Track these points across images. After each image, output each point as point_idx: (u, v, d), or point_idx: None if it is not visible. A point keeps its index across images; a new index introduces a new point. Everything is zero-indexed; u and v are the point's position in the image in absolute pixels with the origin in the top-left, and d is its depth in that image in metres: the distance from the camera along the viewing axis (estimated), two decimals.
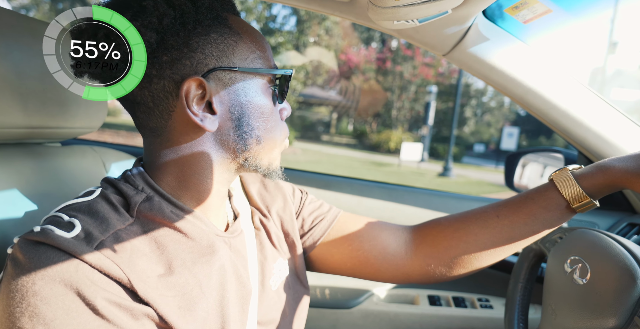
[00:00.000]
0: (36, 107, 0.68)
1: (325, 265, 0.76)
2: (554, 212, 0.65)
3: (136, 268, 0.47)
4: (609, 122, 0.97)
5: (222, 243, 0.58)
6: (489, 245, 0.68)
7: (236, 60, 0.53)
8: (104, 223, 0.48)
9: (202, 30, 0.51)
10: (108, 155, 0.89)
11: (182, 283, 0.50)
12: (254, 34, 0.56)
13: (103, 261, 0.44)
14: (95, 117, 0.82)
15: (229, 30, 0.53)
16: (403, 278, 0.74)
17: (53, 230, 0.45)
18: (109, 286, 0.44)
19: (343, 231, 0.74)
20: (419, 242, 0.74)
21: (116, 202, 0.51)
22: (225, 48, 0.52)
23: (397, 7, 0.67)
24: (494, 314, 1.26)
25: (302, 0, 0.89)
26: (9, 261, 0.45)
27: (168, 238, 0.52)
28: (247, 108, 0.54)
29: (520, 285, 0.82)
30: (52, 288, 0.41)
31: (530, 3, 0.81)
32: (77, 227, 0.46)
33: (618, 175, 0.60)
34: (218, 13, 0.52)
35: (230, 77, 0.53)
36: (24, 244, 0.44)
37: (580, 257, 0.62)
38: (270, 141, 0.58)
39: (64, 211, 0.49)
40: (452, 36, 0.88)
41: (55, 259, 0.43)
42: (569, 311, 0.60)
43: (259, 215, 0.70)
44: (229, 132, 0.54)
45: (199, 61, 0.51)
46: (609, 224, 1.15)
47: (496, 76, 0.95)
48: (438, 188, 1.26)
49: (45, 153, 0.77)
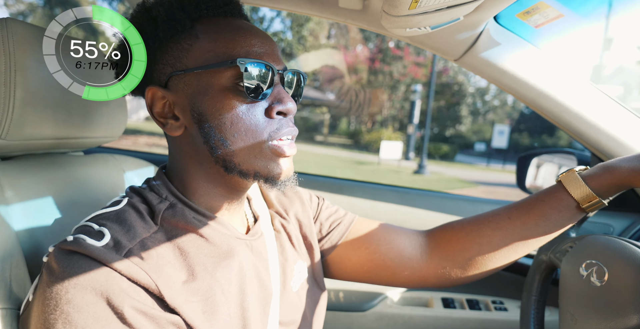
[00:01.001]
0: (63, 118, 0.71)
1: (342, 269, 0.77)
2: (565, 212, 0.66)
3: (162, 275, 0.48)
4: (622, 123, 0.97)
5: (243, 246, 0.59)
6: (502, 246, 0.69)
7: (189, 63, 0.53)
8: (131, 231, 0.50)
9: (160, 44, 0.54)
10: (127, 163, 0.92)
11: (205, 288, 0.52)
12: (221, 32, 0.53)
13: (132, 268, 0.46)
14: (117, 127, 0.85)
15: (187, 36, 0.53)
16: (419, 281, 0.75)
17: (85, 239, 0.47)
18: (137, 294, 0.46)
19: (360, 234, 0.76)
20: (434, 246, 0.75)
21: (142, 210, 0.53)
22: (179, 53, 0.53)
23: (410, 16, 0.68)
24: (508, 316, 1.26)
25: (316, 9, 0.90)
26: (44, 269, 0.47)
27: (190, 244, 0.54)
28: (204, 109, 0.52)
29: (533, 298, 0.81)
30: (84, 297, 0.43)
31: (542, 8, 0.82)
32: (106, 236, 0.48)
33: (625, 174, 0.61)
34: (178, 22, 0.53)
35: (185, 81, 0.53)
36: (58, 253, 0.47)
37: (595, 260, 0.63)
38: (239, 141, 0.53)
39: (94, 221, 0.51)
40: (463, 41, 0.89)
41: (87, 268, 0.45)
42: (590, 314, 0.60)
43: (278, 218, 0.72)
44: (197, 136, 0.54)
45: (160, 71, 0.55)
46: (624, 225, 1.14)
47: (508, 80, 0.96)
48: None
49: (70, 162, 0.80)
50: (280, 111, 0.54)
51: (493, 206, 1.32)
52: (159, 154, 1.71)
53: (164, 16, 0.53)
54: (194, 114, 0.53)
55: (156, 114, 0.55)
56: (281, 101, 0.54)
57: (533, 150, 1.39)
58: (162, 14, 0.53)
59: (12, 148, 0.68)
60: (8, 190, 0.65)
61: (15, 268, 0.60)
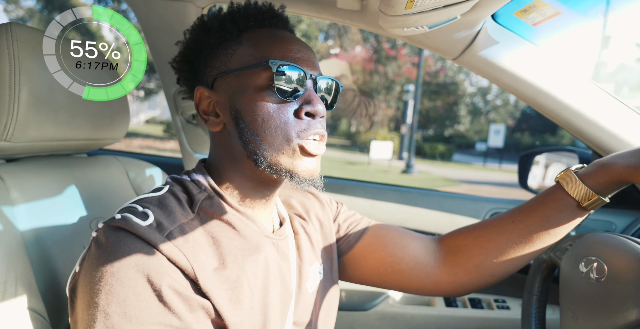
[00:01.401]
0: (66, 121, 0.72)
1: (358, 271, 0.78)
2: (566, 212, 0.66)
3: (198, 259, 0.51)
4: (622, 120, 0.97)
5: (270, 244, 0.62)
6: (509, 250, 0.70)
7: (232, 65, 0.59)
8: (171, 216, 0.53)
9: (211, 50, 0.61)
10: (130, 164, 0.93)
11: (233, 277, 0.54)
12: (262, 39, 0.59)
13: (172, 249, 0.49)
14: (119, 128, 0.86)
15: (233, 43, 0.60)
16: (432, 287, 0.75)
17: (132, 218, 0.50)
18: (174, 274, 0.49)
19: (376, 237, 0.77)
20: (446, 252, 0.76)
21: (182, 198, 0.57)
22: (225, 58, 0.60)
23: (406, 15, 0.69)
24: (510, 315, 1.26)
25: (314, 10, 0.91)
26: (93, 243, 0.50)
27: (223, 234, 0.57)
28: (240, 107, 0.58)
29: (534, 298, 0.81)
30: (127, 272, 0.46)
31: (539, 6, 0.82)
32: (150, 217, 0.51)
33: (620, 171, 0.61)
34: (228, 32, 0.60)
35: (227, 82, 0.59)
36: (107, 229, 0.50)
37: (594, 256, 0.63)
38: (268, 137, 0.56)
39: (137, 203, 0.54)
40: (461, 40, 0.90)
41: (132, 245, 0.48)
42: (590, 311, 0.60)
43: (298, 220, 0.74)
44: (234, 132, 0.59)
45: (208, 74, 0.61)
46: (626, 223, 1.14)
47: (507, 78, 0.96)
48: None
49: (73, 164, 0.81)
50: (308, 111, 0.58)
51: (495, 204, 1.32)
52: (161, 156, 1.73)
53: (216, 27, 0.60)
54: (232, 112, 0.58)
55: (201, 112, 0.62)
56: (310, 102, 0.58)
57: (534, 148, 1.39)
58: (215, 25, 0.60)
59: (17, 150, 0.70)
60: (14, 191, 0.66)
61: (21, 266, 0.61)
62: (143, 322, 0.46)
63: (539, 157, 1.36)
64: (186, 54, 0.63)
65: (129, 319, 0.46)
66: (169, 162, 1.59)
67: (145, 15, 1.01)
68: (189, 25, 1.00)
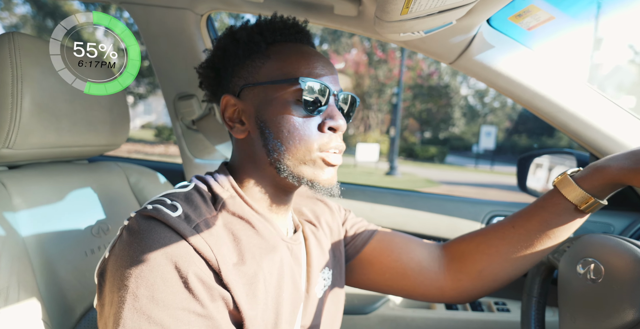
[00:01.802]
0: (68, 127, 0.73)
1: (364, 275, 0.79)
2: (565, 216, 0.67)
3: (221, 252, 0.53)
4: (617, 122, 0.98)
5: (285, 248, 0.64)
6: (510, 255, 0.70)
7: (260, 78, 0.62)
8: (197, 210, 0.56)
9: (238, 60, 0.64)
10: (131, 170, 0.93)
11: (251, 273, 0.56)
12: (289, 54, 0.63)
13: (199, 240, 0.52)
14: (120, 134, 0.87)
15: (260, 56, 0.63)
16: (437, 293, 0.76)
17: (163, 209, 0.53)
18: (200, 263, 0.51)
19: (382, 242, 0.79)
20: (450, 258, 0.77)
21: (206, 196, 0.60)
22: (252, 69, 0.63)
23: (402, 21, 0.70)
24: (511, 317, 1.26)
25: (312, 17, 0.92)
26: (125, 230, 0.53)
27: (242, 232, 0.59)
28: (267, 117, 0.61)
29: (534, 300, 0.82)
30: (156, 258, 0.49)
31: (533, 11, 0.83)
32: (179, 209, 0.54)
33: (615, 173, 0.62)
34: (255, 44, 0.64)
35: (254, 93, 0.62)
36: (140, 217, 0.53)
37: (591, 258, 0.63)
38: (292, 148, 0.60)
39: (166, 197, 0.57)
40: (457, 45, 0.91)
41: (162, 233, 0.51)
42: (589, 312, 0.61)
43: (309, 226, 0.75)
44: (258, 140, 0.62)
45: (235, 83, 0.65)
46: (624, 224, 1.14)
47: (503, 82, 0.97)
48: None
49: (75, 170, 0.82)
50: (331, 126, 0.61)
51: (494, 207, 1.33)
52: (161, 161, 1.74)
53: (245, 39, 0.64)
54: (258, 121, 0.62)
55: (227, 118, 0.65)
56: (333, 117, 0.62)
57: (532, 151, 1.39)
58: (244, 37, 0.64)
59: (19, 157, 0.70)
60: (16, 197, 0.67)
61: (23, 272, 0.61)
62: (169, 306, 0.48)
63: (540, 159, 1.37)
64: (213, 61, 0.67)
65: (156, 302, 0.48)
66: (169, 167, 1.60)
67: (145, 23, 1.03)
68: (188, 32, 1.02)
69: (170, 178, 1.10)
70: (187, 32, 1.02)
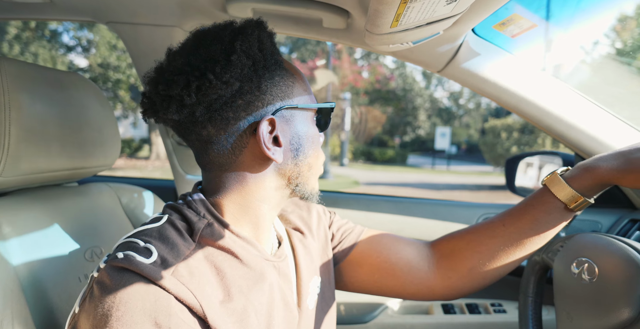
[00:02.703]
0: (57, 152, 0.71)
1: (354, 277, 0.78)
2: (554, 214, 0.68)
3: (205, 295, 0.50)
4: (599, 123, 1.01)
5: (271, 268, 0.61)
6: (500, 253, 0.71)
7: (295, 99, 0.60)
8: (175, 249, 0.51)
9: (269, 75, 0.57)
10: (122, 190, 0.92)
11: (240, 309, 0.53)
12: (302, 75, 0.63)
13: (179, 287, 0.48)
14: (111, 155, 0.85)
15: (286, 73, 0.60)
16: (427, 292, 0.76)
17: (135, 256, 0.48)
18: (182, 313, 0.47)
19: (370, 243, 0.78)
20: (439, 257, 0.77)
21: (181, 228, 0.55)
22: (286, 89, 0.59)
23: (392, 33, 0.71)
24: (507, 318, 1.27)
25: (301, 30, 0.93)
26: (95, 284, 0.48)
27: (226, 264, 0.55)
28: (303, 139, 0.61)
29: (530, 299, 0.83)
30: (133, 316, 0.45)
31: (516, 19, 0.85)
32: (154, 253, 0.49)
33: (604, 174, 0.63)
34: (277, 57, 0.59)
35: (292, 114, 0.60)
36: (110, 269, 0.48)
37: (585, 257, 0.64)
38: (317, 166, 0.64)
39: (137, 237, 0.52)
40: (445, 54, 0.92)
41: (138, 287, 0.46)
42: (584, 311, 0.62)
43: (296, 234, 0.73)
44: (288, 161, 0.60)
45: (268, 102, 0.57)
46: (611, 221, 1.18)
47: (490, 88, 0.99)
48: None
49: (64, 194, 0.79)
50: (322, 140, 0.67)
51: (486, 210, 1.35)
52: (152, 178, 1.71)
53: (270, 50, 0.57)
54: (294, 143, 0.60)
55: (266, 143, 0.56)
56: (321, 134, 0.67)
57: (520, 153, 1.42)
58: (268, 47, 0.57)
59: (8, 184, 0.68)
60: (5, 226, 0.65)
61: (17, 304, 0.59)
62: None
63: (524, 161, 1.40)
64: (242, 72, 0.54)
65: None
66: (161, 184, 1.58)
67: (133, 41, 1.01)
68: None
69: (163, 195, 1.08)
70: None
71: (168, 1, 0.87)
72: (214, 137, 0.56)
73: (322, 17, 0.84)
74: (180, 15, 0.93)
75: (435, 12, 0.59)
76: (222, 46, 0.53)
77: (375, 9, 0.56)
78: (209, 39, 0.55)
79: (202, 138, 0.57)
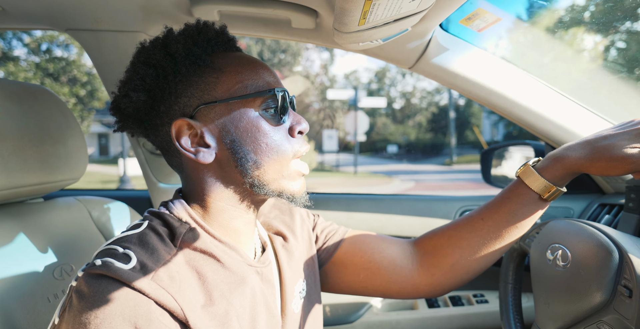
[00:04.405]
0: (17, 166, 0.67)
1: (339, 278, 0.78)
2: (530, 205, 0.70)
3: (186, 299, 0.49)
4: (565, 112, 1.04)
5: (254, 273, 0.60)
6: (481, 246, 0.72)
7: (218, 94, 0.57)
8: (155, 254, 0.51)
9: (182, 78, 0.57)
10: (92, 203, 0.88)
11: (222, 313, 0.52)
12: (242, 65, 0.59)
13: (159, 292, 0.47)
14: (77, 167, 0.81)
15: (209, 70, 0.57)
16: (412, 290, 0.76)
17: (113, 262, 0.47)
18: (163, 318, 0.46)
19: (354, 244, 0.78)
20: (422, 254, 0.77)
21: (162, 233, 0.54)
22: (205, 86, 0.57)
23: (360, 31, 0.70)
24: (490, 308, 1.30)
25: (270, 31, 0.91)
26: (74, 293, 0.47)
27: (207, 268, 0.54)
28: (237, 135, 0.57)
29: (510, 286, 0.85)
30: (112, 322, 0.44)
31: (482, 14, 0.87)
32: (133, 259, 0.48)
33: (573, 163, 0.65)
34: (197, 57, 0.57)
35: (216, 111, 0.57)
36: (88, 277, 0.47)
37: (558, 244, 0.66)
38: (272, 162, 0.58)
39: (117, 244, 0.51)
40: (414, 50, 0.93)
41: (116, 293, 0.45)
42: (560, 297, 0.63)
43: (278, 240, 0.72)
44: (229, 161, 0.58)
45: (185, 104, 0.57)
46: (582, 207, 1.22)
47: (460, 82, 1.01)
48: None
49: (28, 211, 0.75)
50: (300, 130, 0.61)
51: (464, 203, 1.37)
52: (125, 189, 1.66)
53: (182, 52, 0.56)
54: (226, 141, 0.57)
55: (183, 145, 0.57)
56: (299, 121, 0.61)
57: (493, 145, 1.46)
58: (180, 50, 0.56)
59: None
60: None
61: None
62: None
63: (497, 152, 1.43)
64: (144, 82, 0.56)
65: None
66: (134, 195, 1.53)
67: (96, 49, 0.97)
68: None
69: (137, 206, 1.05)
70: None
71: (130, 6, 0.84)
72: (157, 143, 0.61)
73: (291, 17, 0.83)
74: (143, 20, 0.90)
75: (401, 8, 0.59)
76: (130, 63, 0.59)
77: (341, 7, 0.55)
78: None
79: (154, 143, 0.61)
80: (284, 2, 0.80)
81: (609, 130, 0.65)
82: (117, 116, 0.61)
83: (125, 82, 0.58)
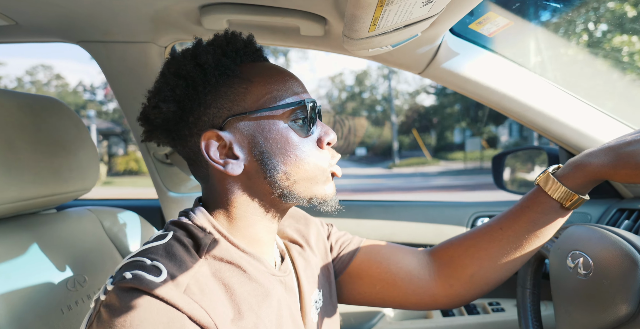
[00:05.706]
0: (31, 179, 0.67)
1: (354, 290, 0.77)
2: (551, 214, 0.67)
3: (217, 313, 0.48)
4: (581, 115, 1.02)
5: (278, 283, 0.60)
6: (500, 257, 0.70)
7: (247, 105, 0.57)
8: (183, 265, 0.50)
9: (211, 88, 0.57)
10: (104, 214, 0.88)
11: (251, 327, 0.51)
12: (271, 75, 0.59)
13: (192, 306, 0.46)
14: (89, 178, 0.81)
15: (238, 80, 0.58)
16: (430, 301, 0.74)
17: (144, 275, 0.46)
18: None
19: (369, 254, 0.76)
20: (439, 264, 0.75)
21: (187, 244, 0.54)
22: (235, 97, 0.57)
23: (370, 38, 0.70)
24: (506, 317, 1.27)
25: (278, 39, 0.91)
26: (103, 308, 0.45)
27: (234, 280, 0.54)
28: (267, 147, 0.56)
29: (528, 291, 0.83)
30: None
31: (492, 18, 0.86)
32: (163, 271, 0.47)
33: (596, 170, 0.62)
34: (227, 68, 0.57)
35: (244, 122, 0.57)
36: (119, 291, 0.45)
37: (579, 251, 0.64)
38: (301, 173, 0.58)
39: (143, 255, 0.50)
40: (424, 55, 0.92)
41: (150, 307, 0.44)
42: (582, 306, 0.61)
43: (295, 248, 0.71)
44: (257, 172, 0.57)
45: (214, 115, 0.57)
46: (600, 212, 1.18)
47: (472, 87, 0.99)
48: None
49: (41, 222, 0.76)
50: (329, 141, 0.61)
51: (477, 208, 1.34)
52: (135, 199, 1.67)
53: (212, 63, 0.56)
54: (255, 152, 0.57)
55: (213, 157, 0.56)
56: (327, 132, 0.61)
57: (505, 150, 1.43)
58: (210, 61, 0.56)
59: None
60: None
61: None
62: None
63: (509, 157, 1.41)
64: (175, 94, 0.57)
65: None
66: (145, 205, 1.53)
67: (106, 59, 0.98)
68: (152, 65, 0.98)
69: (147, 216, 1.05)
70: (151, 66, 0.98)
71: (140, 17, 0.85)
72: (184, 154, 0.61)
73: (300, 25, 0.83)
74: (153, 30, 0.90)
75: (412, 14, 0.59)
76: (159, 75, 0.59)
77: (352, 14, 0.55)
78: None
79: (181, 154, 0.61)
80: (292, 10, 0.80)
81: (631, 135, 0.62)
82: (145, 126, 0.61)
83: (155, 93, 0.58)
